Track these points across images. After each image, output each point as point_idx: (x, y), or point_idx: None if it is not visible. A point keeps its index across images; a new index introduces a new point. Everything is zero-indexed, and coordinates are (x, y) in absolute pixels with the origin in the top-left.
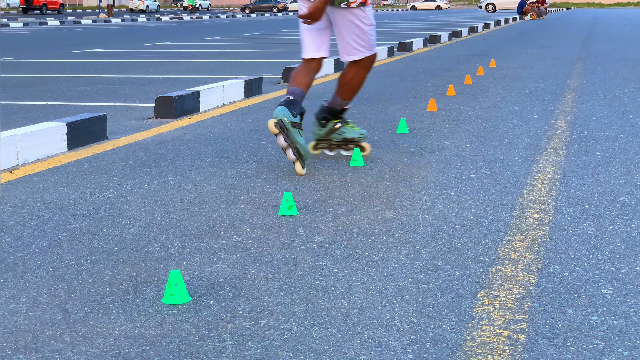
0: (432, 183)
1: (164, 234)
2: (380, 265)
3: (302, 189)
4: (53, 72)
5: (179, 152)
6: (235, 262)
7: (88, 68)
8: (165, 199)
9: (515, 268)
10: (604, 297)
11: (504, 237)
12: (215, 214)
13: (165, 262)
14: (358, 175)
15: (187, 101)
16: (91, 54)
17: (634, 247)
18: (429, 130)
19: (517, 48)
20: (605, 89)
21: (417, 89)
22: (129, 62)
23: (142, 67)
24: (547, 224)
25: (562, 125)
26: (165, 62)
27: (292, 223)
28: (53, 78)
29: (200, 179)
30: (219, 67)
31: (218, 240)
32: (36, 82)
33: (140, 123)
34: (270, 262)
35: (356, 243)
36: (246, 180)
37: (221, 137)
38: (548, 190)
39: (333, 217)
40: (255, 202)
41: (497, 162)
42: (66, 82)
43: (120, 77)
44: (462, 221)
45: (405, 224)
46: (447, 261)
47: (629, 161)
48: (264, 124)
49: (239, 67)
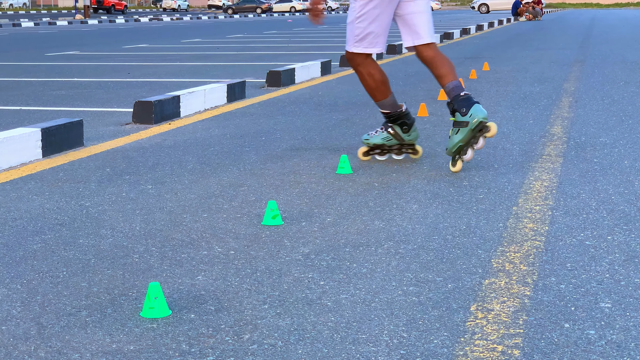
0: (423, 191)
1: (143, 244)
2: (368, 277)
3: (287, 197)
4: (27, 76)
5: (158, 159)
6: (217, 274)
7: (64, 71)
8: (144, 208)
9: (509, 280)
10: (603, 310)
11: (498, 247)
12: (196, 223)
13: (144, 274)
14: (345, 184)
15: (167, 106)
16: (67, 56)
17: (634, 258)
18: (419, 137)
19: (512, 50)
20: (603, 93)
21: (407, 93)
22: (106, 65)
23: (120, 70)
24: (542, 234)
25: (558, 131)
26: (144, 65)
27: (277, 233)
28: (27, 82)
29: (181, 187)
30: (200, 71)
31: (199, 251)
32: (9, 86)
33: (118, 129)
34: (253, 274)
35: (343, 254)
36: (229, 188)
37: (202, 144)
38: (544, 199)
39: (319, 227)
40: (238, 211)
41: (491, 170)
42: (41, 86)
43: (97, 80)
44: (454, 231)
45: (394, 234)
46: (438, 273)
47: (629, 168)
48: (248, 129)
49: (221, 71)
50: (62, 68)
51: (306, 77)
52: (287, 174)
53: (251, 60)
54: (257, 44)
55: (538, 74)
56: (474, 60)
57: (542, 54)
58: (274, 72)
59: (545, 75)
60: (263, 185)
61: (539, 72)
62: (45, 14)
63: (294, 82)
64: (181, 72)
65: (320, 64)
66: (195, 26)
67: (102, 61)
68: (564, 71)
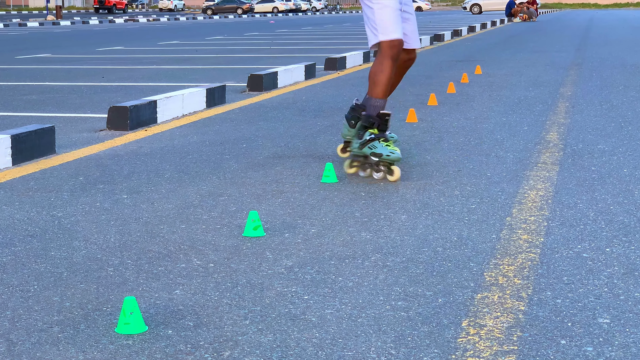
0: (412, 201)
1: (118, 257)
2: (355, 292)
3: (269, 207)
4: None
5: (134, 168)
6: (196, 288)
7: (35, 75)
8: (119, 218)
9: (503, 294)
10: (601, 326)
11: (491, 260)
12: (174, 235)
13: (119, 287)
14: (330, 193)
15: (143, 111)
16: (38, 59)
17: (633, 271)
18: (408, 144)
19: (506, 53)
20: (601, 98)
21: (396, 98)
22: (79, 69)
23: (94, 74)
24: (538, 246)
25: (554, 137)
26: (120, 68)
27: (259, 245)
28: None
29: (158, 197)
30: (178, 74)
31: (177, 264)
32: None
33: (92, 135)
34: (234, 288)
35: (328, 267)
36: (208, 198)
37: (180, 151)
38: (539, 209)
39: (303, 239)
40: (217, 222)
41: (484, 178)
42: (10, 90)
43: (70, 85)
44: (445, 243)
45: (382, 246)
46: (428, 287)
47: (628, 177)
48: (228, 136)
49: (200, 74)
50: (33, 72)
51: (289, 81)
52: (270, 182)
53: (232, 64)
54: (237, 46)
55: (533, 77)
56: (466, 64)
57: (538, 56)
58: (255, 76)
59: (541, 79)
60: (244, 194)
61: (534, 75)
62: (15, 15)
63: (277, 86)
64: (158, 76)
65: (304, 67)
66: (173, 28)
67: (75, 64)
68: (561, 75)
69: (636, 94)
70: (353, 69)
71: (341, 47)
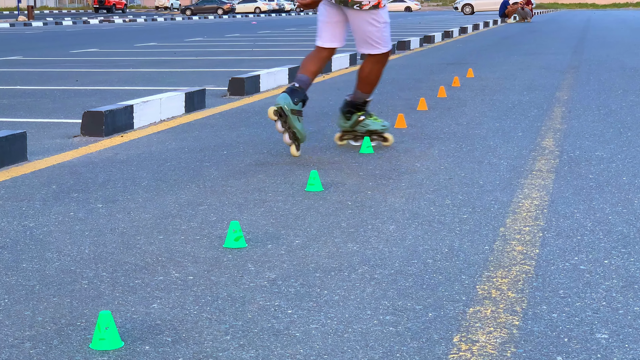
0: (401, 211)
1: (93, 269)
2: (341, 305)
3: (251, 217)
4: None
5: (109, 176)
6: (174, 302)
7: (5, 78)
8: (93, 229)
9: (496, 308)
10: (599, 342)
11: (484, 272)
12: (151, 246)
13: (94, 301)
14: (315, 202)
15: (119, 117)
16: (9, 62)
17: (633, 284)
18: (397, 150)
19: (499, 55)
20: (599, 103)
21: (383, 102)
22: (52, 72)
23: (68, 77)
24: (533, 257)
25: (550, 144)
26: (94, 71)
27: (240, 257)
28: None
29: (134, 206)
30: (156, 78)
31: (155, 277)
32: None
33: (65, 142)
34: (214, 302)
35: (313, 280)
36: (187, 207)
37: (158, 158)
38: (534, 219)
39: (287, 250)
40: (197, 232)
41: (476, 187)
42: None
43: (43, 89)
44: (436, 255)
45: (369, 257)
46: (418, 301)
47: (627, 185)
48: (208, 142)
49: (179, 78)
50: (3, 75)
51: (272, 84)
52: (252, 191)
53: (212, 66)
54: (218, 48)
55: (528, 81)
56: (457, 66)
57: (532, 59)
58: (236, 80)
59: (536, 83)
60: (225, 204)
61: (528, 79)
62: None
63: (259, 90)
64: (134, 80)
65: (288, 70)
66: (150, 29)
67: (47, 67)
68: (556, 78)
69: (636, 98)
70: (339, 72)
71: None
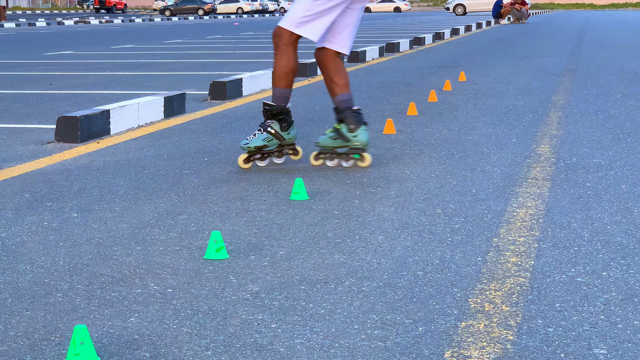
0: (390, 220)
1: (68, 281)
2: (327, 319)
3: (233, 227)
4: None
5: (85, 184)
6: (152, 316)
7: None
8: (68, 239)
9: (489, 323)
10: (597, 357)
11: (476, 285)
12: (128, 257)
13: (68, 315)
14: (300, 211)
15: (95, 122)
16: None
17: (632, 297)
18: (385, 157)
19: (492, 58)
20: (597, 108)
21: (372, 107)
22: (25, 75)
23: (41, 80)
24: (527, 269)
25: (545, 150)
26: (69, 74)
27: (222, 268)
28: None
29: (111, 216)
30: (134, 81)
31: (132, 290)
32: None
33: (39, 148)
34: (195, 316)
35: (298, 293)
36: (166, 217)
37: (136, 166)
38: (529, 229)
39: (270, 262)
40: (177, 243)
41: (468, 196)
42: None
43: (15, 93)
44: (426, 266)
45: (357, 269)
46: (407, 314)
47: (626, 194)
48: (188, 149)
49: (158, 81)
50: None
51: (255, 88)
52: (234, 200)
53: (192, 70)
54: (198, 51)
55: (522, 85)
56: (449, 70)
57: (527, 62)
58: (218, 83)
59: (531, 87)
60: (206, 213)
61: (523, 83)
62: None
63: (241, 94)
64: (111, 83)
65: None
66: (128, 30)
67: (20, 70)
68: (553, 82)
69: (635, 102)
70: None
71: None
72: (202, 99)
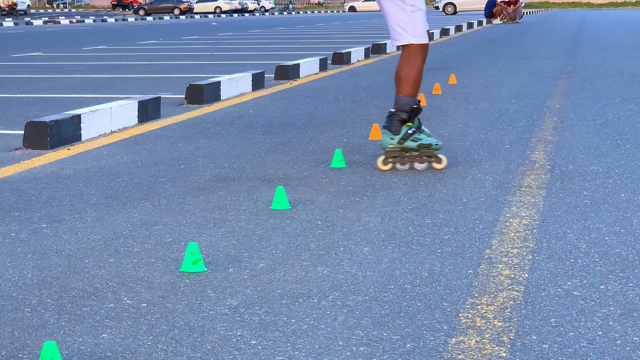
0: (376, 231)
1: (36, 295)
2: (310, 336)
3: (210, 238)
4: None
5: (55, 192)
6: (126, 332)
7: None
8: (37, 251)
9: (481, 339)
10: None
11: (467, 299)
12: (100, 270)
13: (37, 331)
14: (282, 222)
15: (65, 127)
16: None
17: (632, 312)
18: (371, 164)
19: (484, 60)
20: (595, 112)
21: (357, 111)
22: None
23: (9, 83)
24: (521, 282)
25: (540, 157)
26: (38, 77)
27: (199, 282)
28: None
29: (82, 226)
30: (106, 84)
31: (105, 304)
32: None
33: (6, 155)
34: (170, 332)
35: (279, 307)
36: (140, 227)
37: (108, 173)
38: (523, 240)
39: (250, 275)
40: (151, 255)
41: (459, 205)
42: None
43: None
44: (414, 279)
45: (341, 282)
46: (394, 330)
47: (625, 203)
48: (163, 156)
49: (132, 85)
50: None
51: (234, 92)
52: (211, 209)
53: (168, 72)
54: (174, 52)
55: (516, 88)
56: (438, 72)
57: (521, 64)
58: (195, 87)
59: (525, 90)
60: (182, 223)
61: (517, 86)
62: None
63: (220, 98)
64: (83, 86)
65: (252, 76)
66: (100, 30)
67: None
68: (548, 85)
69: (635, 106)
70: (308, 79)
71: (294, 53)
72: (178, 103)
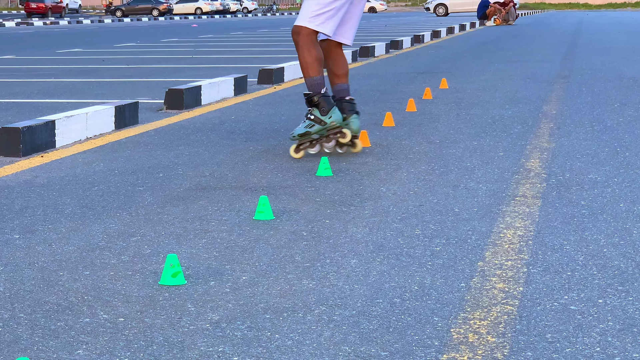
0: (364, 242)
1: (9, 309)
2: (294, 352)
3: (191, 250)
4: None
5: (27, 202)
6: (102, 347)
7: None
8: (9, 263)
9: (474, 355)
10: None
11: (459, 314)
12: (76, 283)
13: (9, 347)
14: (265, 232)
15: (38, 134)
16: None
17: (631, 327)
18: (359, 173)
19: (477, 63)
20: (593, 118)
21: None
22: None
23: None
24: (516, 296)
25: (536, 165)
26: (10, 81)
27: (178, 295)
28: None
29: (57, 237)
30: (82, 89)
31: (80, 319)
32: None
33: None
34: (148, 347)
35: (263, 322)
36: (117, 238)
37: (84, 182)
38: (517, 252)
39: (232, 288)
40: (129, 267)
41: (450, 215)
42: None
43: None
44: (404, 293)
45: (328, 296)
46: (383, 346)
47: (625, 213)
48: (141, 163)
49: (108, 89)
50: None
51: (216, 97)
52: (192, 220)
53: (146, 76)
54: (153, 55)
55: (510, 93)
56: (429, 76)
57: (516, 67)
58: (174, 91)
59: (520, 95)
60: (161, 234)
61: (511, 90)
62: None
63: (200, 103)
64: (57, 91)
65: (234, 80)
66: (74, 33)
67: None
68: (544, 90)
69: (634, 112)
70: (292, 83)
71: (278, 56)
72: (157, 109)
